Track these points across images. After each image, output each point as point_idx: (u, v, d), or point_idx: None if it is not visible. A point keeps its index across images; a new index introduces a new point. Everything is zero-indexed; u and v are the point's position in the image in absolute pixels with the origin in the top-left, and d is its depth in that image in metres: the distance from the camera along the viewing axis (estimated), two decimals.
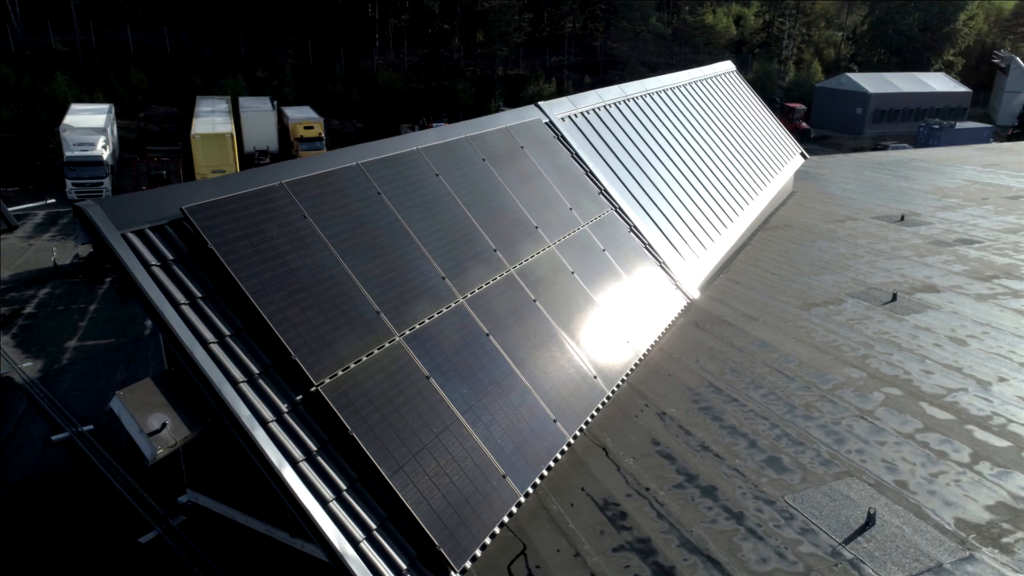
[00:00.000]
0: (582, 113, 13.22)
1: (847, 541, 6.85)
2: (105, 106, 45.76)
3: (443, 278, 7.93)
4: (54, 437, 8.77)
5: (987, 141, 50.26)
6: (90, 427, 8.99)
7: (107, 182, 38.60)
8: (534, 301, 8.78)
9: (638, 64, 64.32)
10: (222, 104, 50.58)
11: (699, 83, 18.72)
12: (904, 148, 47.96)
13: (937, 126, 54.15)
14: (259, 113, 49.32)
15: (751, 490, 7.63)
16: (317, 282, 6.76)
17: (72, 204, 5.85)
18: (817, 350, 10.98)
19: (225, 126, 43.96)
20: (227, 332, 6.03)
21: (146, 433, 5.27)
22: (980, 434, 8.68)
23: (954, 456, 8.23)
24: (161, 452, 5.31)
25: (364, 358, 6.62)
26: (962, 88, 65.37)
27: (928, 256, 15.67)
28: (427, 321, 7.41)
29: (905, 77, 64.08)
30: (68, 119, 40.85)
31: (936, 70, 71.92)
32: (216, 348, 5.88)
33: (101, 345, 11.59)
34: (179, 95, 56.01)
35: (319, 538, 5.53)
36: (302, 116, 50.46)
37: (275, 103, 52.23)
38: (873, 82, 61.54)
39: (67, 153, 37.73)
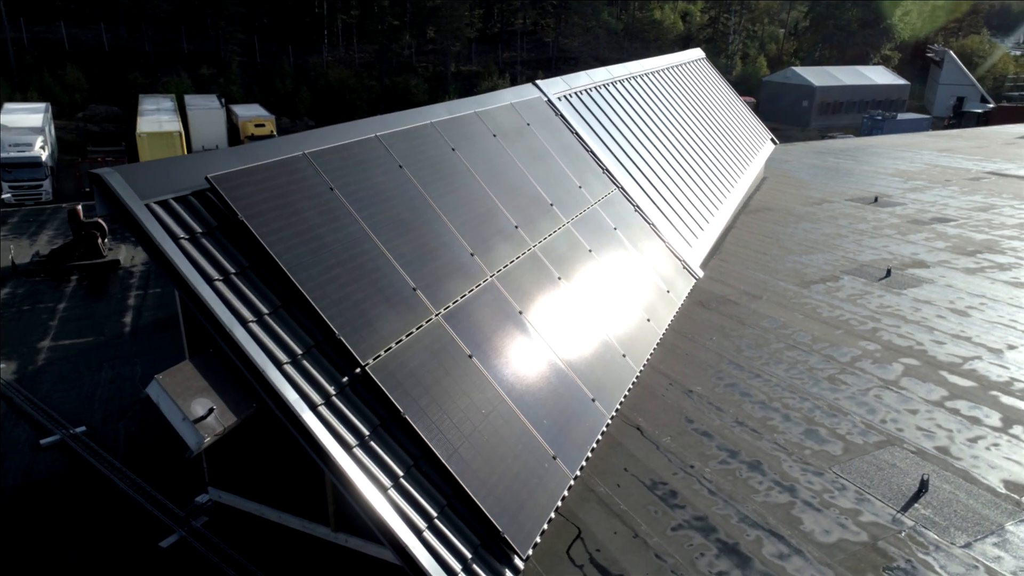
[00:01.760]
0: (576, 93, 12.94)
1: (904, 509, 6.72)
2: (41, 105, 43.56)
3: (471, 255, 7.52)
4: (43, 441, 8.01)
5: (927, 131, 52.07)
6: (82, 428, 8.26)
7: (47, 184, 36.72)
8: (559, 279, 8.45)
9: (590, 59, 64.56)
10: (167, 102, 48.71)
11: (678, 68, 18.67)
12: (849, 139, 49.24)
13: (880, 117, 55.85)
14: (207, 111, 47.58)
15: (797, 463, 7.45)
16: (351, 257, 6.28)
17: (90, 173, 5.25)
18: (827, 325, 10.94)
19: (172, 124, 42.32)
20: (265, 310, 5.51)
21: (191, 420, 4.73)
22: (1006, 399, 8.71)
23: (987, 421, 8.23)
24: (208, 441, 4.79)
25: (404, 338, 6.17)
26: (901, 81, 67.69)
27: (910, 234, 15.91)
28: (460, 300, 6.99)
29: (847, 70, 66.00)
30: (3, 119, 38.71)
31: (875, 64, 74.32)
32: (256, 327, 5.37)
33: (79, 344, 10.75)
34: (120, 94, 53.77)
35: (382, 529, 5.09)
36: (252, 114, 48.91)
37: (223, 101, 50.56)
38: (818, 75, 63.18)
39: (2, 154, 35.65)
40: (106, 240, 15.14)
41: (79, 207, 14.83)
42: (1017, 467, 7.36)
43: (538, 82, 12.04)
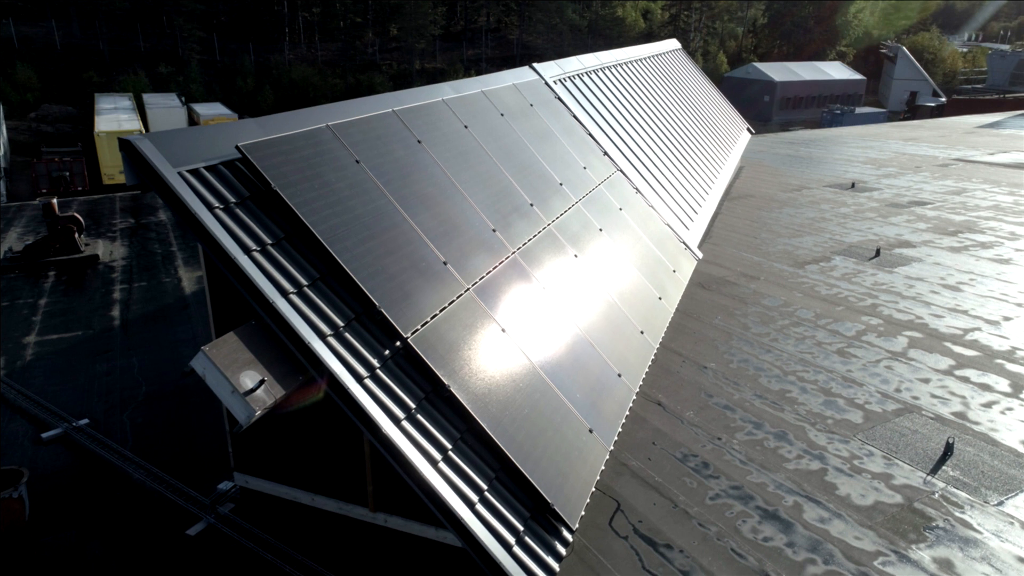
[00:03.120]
0: (569, 77, 12.89)
1: (933, 471, 6.81)
2: None
3: (493, 231, 7.40)
4: (44, 435, 7.64)
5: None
6: (85, 421, 7.90)
7: (0, 186, 35.38)
8: (575, 256, 8.37)
9: (555, 56, 64.58)
10: (125, 101, 47.37)
11: (660, 56, 18.77)
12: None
13: (839, 111, 57.08)
14: (167, 110, 46.38)
15: (822, 432, 7.50)
16: (383, 230, 6.11)
17: (121, 140, 5.00)
18: (827, 302, 11.07)
19: (132, 123, 41.11)
20: (304, 282, 5.32)
21: (240, 393, 4.52)
22: (1012, 366, 8.91)
23: (997, 387, 8.40)
24: (258, 414, 4.58)
25: (439, 312, 6.03)
26: (858, 76, 69.27)
27: (891, 217, 16.24)
28: (488, 275, 6.87)
29: (806, 66, 67.30)
30: None
31: (831, 60, 75.99)
32: (297, 299, 5.18)
33: (67, 339, 10.31)
34: (74, 93, 52.12)
35: (437, 503, 4.94)
36: (214, 112, 47.79)
37: (183, 99, 49.38)
38: (778, 71, 64.30)
39: None
40: (81, 235, 14.60)
41: (54, 201, 14.26)
42: None
43: (535, 65, 11.95)
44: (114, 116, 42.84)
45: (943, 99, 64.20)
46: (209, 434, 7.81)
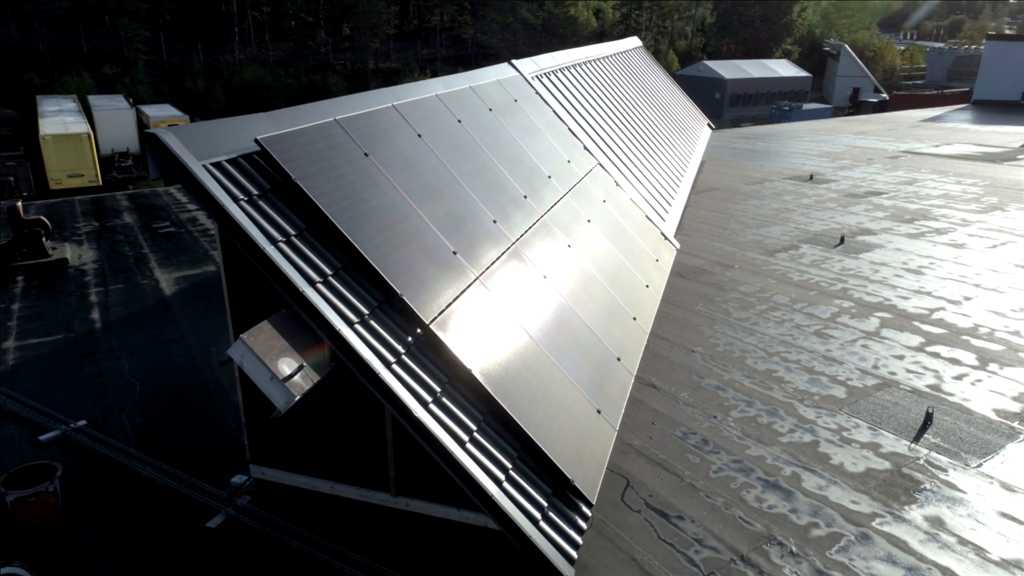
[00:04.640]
0: (545, 74, 13.13)
1: (916, 439, 7.25)
2: None
3: (494, 222, 7.59)
4: (42, 437, 7.53)
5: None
6: (83, 422, 7.80)
7: None
8: (569, 246, 8.61)
9: (509, 55, 64.86)
10: (69, 103, 45.97)
11: (626, 54, 19.17)
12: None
13: (787, 107, 58.69)
14: (115, 112, 45.09)
15: (810, 407, 7.89)
16: (397, 221, 6.24)
17: (145, 132, 5.04)
18: (800, 287, 11.55)
19: (79, 125, 39.94)
20: (328, 271, 5.43)
21: (279, 379, 4.61)
22: (976, 342, 9.48)
23: (966, 361, 8.94)
24: (297, 399, 4.68)
25: (454, 300, 6.19)
26: (804, 73, 71.33)
27: (850, 206, 16.93)
28: (493, 264, 7.05)
29: (754, 64, 69.01)
30: None
31: (777, 58, 78.07)
32: (323, 288, 5.28)
33: (48, 342, 10.10)
34: (13, 96, 50.27)
35: (468, 482, 5.11)
36: (164, 114, 46.67)
37: (131, 101, 48.08)
38: (728, 69, 65.78)
39: None
40: (48, 239, 14.24)
41: (19, 204, 13.90)
42: (1001, 398, 8.05)
43: (514, 61, 12.16)
44: (59, 119, 41.52)
45: (885, 95, 66.58)
46: (212, 430, 7.81)
